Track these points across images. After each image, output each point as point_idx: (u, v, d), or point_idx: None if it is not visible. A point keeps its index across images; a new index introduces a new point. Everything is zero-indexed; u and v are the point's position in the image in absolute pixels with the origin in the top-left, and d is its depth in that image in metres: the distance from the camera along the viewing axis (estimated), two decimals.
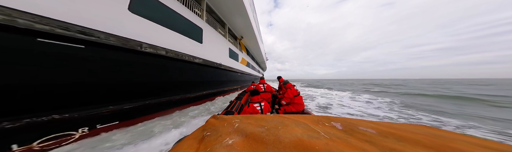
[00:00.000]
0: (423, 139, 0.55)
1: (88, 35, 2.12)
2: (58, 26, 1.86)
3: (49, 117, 1.90)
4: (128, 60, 2.75)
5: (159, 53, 3.23)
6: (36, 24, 1.71)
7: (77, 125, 2.15)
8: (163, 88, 3.66)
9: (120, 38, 2.53)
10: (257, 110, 2.12)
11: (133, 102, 2.90)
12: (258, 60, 24.09)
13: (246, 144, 0.59)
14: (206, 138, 0.68)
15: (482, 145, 0.51)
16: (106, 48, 2.39)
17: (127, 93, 2.82)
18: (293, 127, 0.70)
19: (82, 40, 2.07)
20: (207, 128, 0.80)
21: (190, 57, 4.32)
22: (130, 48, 2.65)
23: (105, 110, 2.42)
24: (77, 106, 2.19)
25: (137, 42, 2.81)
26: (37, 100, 1.85)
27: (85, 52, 2.16)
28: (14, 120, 1.68)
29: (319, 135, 0.60)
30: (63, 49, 1.97)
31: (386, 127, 0.68)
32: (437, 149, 0.49)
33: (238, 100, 3.16)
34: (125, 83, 2.76)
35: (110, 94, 2.56)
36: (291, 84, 3.13)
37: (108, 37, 2.35)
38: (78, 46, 2.07)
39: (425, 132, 0.61)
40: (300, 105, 2.81)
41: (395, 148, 0.51)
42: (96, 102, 2.39)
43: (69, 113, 2.05)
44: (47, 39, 1.84)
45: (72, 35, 1.96)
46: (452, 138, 0.56)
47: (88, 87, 2.28)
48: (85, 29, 2.09)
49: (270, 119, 0.85)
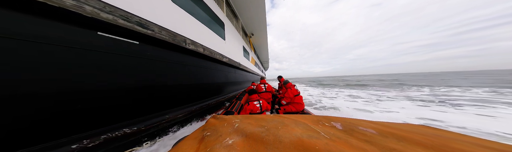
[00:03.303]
0: (423, 139, 0.55)
1: (145, 27, 1.74)
2: (121, 15, 1.48)
3: (121, 131, 1.53)
4: (175, 59, 2.40)
5: (198, 50, 2.80)
6: (101, 12, 1.32)
7: (141, 139, 1.78)
8: (204, 91, 3.35)
9: (170, 32, 2.13)
10: (257, 107, 2.21)
11: (182, 109, 2.49)
12: (262, 60, 23.47)
13: (246, 144, 0.59)
14: (206, 138, 0.68)
15: (482, 145, 0.50)
16: (158, 44, 2.04)
17: (177, 98, 2.47)
18: (293, 127, 0.70)
19: (139, 34, 1.71)
20: (207, 128, 0.80)
21: (220, 56, 3.87)
22: (177, 44, 2.25)
23: (164, 120, 2.04)
24: (144, 115, 1.84)
25: (182, 37, 2.41)
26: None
27: (138, 49, 1.80)
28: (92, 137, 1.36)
29: (319, 135, 0.60)
30: (121, 45, 1.62)
31: (386, 127, 0.68)
32: (437, 149, 0.49)
33: (238, 100, 3.16)
34: (176, 86, 2.41)
35: (169, 99, 2.25)
36: (291, 83, 3.13)
37: (161, 30, 1.97)
38: (133, 42, 1.73)
39: (425, 132, 0.61)
40: (300, 104, 2.81)
41: (395, 148, 0.51)
42: (158, 109, 2.04)
43: (136, 126, 1.68)
44: (107, 32, 1.49)
45: (131, 27, 1.57)
46: (452, 138, 0.56)
47: (156, 91, 1.99)
48: (142, 20, 1.72)
49: (270, 119, 0.85)
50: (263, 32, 10.47)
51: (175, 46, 2.26)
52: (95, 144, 1.33)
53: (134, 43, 1.74)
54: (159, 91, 2.09)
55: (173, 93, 2.37)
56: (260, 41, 12.85)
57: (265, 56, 21.73)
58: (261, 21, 8.36)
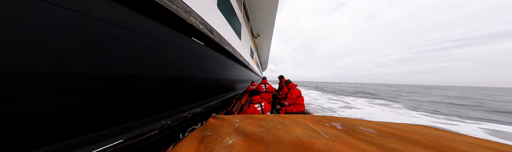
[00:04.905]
0: (423, 139, 0.55)
1: (210, 31, 2.06)
2: (202, 24, 1.81)
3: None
4: (221, 59, 2.80)
5: (229, 50, 3.10)
6: (195, 20, 1.66)
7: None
8: (225, 86, 3.64)
9: (219, 35, 2.51)
10: (258, 111, 2.06)
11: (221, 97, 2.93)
12: (262, 61, 23.85)
13: (246, 144, 0.59)
14: (206, 138, 0.68)
15: (482, 145, 0.50)
16: (212, 45, 2.38)
17: (208, 92, 2.71)
18: (293, 127, 0.70)
19: (207, 38, 2.04)
20: (207, 128, 0.80)
21: (238, 55, 4.13)
22: (221, 45, 2.57)
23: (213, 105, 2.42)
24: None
25: (224, 39, 2.77)
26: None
27: (203, 49, 2.15)
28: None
29: (319, 135, 0.60)
30: (199, 46, 1.99)
31: (386, 127, 0.68)
32: (437, 149, 0.49)
33: (238, 100, 3.15)
34: (218, 81, 2.81)
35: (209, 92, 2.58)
36: (293, 83, 3.04)
37: (216, 34, 2.34)
38: (201, 43, 2.07)
39: (425, 132, 0.61)
40: (301, 105, 2.78)
41: (395, 148, 0.51)
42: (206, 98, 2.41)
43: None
44: (196, 37, 1.85)
45: (207, 33, 1.93)
46: (452, 138, 0.56)
47: (208, 84, 2.34)
48: (210, 27, 2.09)
49: (270, 119, 0.85)
50: (268, 34, 10.57)
51: (220, 47, 2.62)
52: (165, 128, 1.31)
53: (201, 44, 2.11)
54: (208, 85, 2.48)
55: (212, 87, 2.72)
56: (264, 42, 13.05)
57: (265, 57, 22.09)
58: (269, 22, 8.46)
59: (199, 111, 1.98)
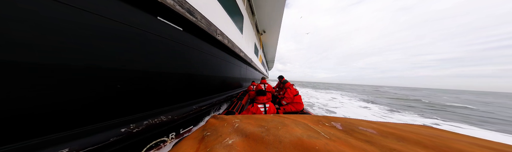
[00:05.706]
0: (423, 139, 0.55)
1: (192, 14, 1.71)
2: (178, 1, 1.48)
3: (159, 118, 1.42)
4: (207, 50, 2.32)
5: (223, 41, 2.67)
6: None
7: (171, 129, 1.70)
8: (224, 84, 3.28)
9: (207, 21, 2.06)
10: (261, 111, 1.99)
11: (206, 101, 2.42)
12: (268, 59, 22.28)
13: (246, 144, 0.59)
14: (206, 138, 0.68)
15: (482, 145, 0.50)
16: (196, 32, 1.98)
17: (203, 90, 2.40)
18: (293, 127, 0.70)
19: (186, 21, 1.67)
20: (207, 128, 0.80)
21: (238, 49, 3.66)
22: (210, 33, 2.18)
23: (192, 111, 1.95)
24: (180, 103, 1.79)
25: (215, 26, 2.32)
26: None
27: (181, 36, 1.74)
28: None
29: (319, 135, 0.60)
30: (171, 31, 1.58)
31: (386, 127, 0.68)
32: (437, 149, 0.49)
33: (239, 100, 3.15)
34: (203, 77, 2.36)
35: (193, 91, 2.17)
36: (290, 83, 3.16)
37: (202, 18, 1.91)
38: (178, 28, 1.69)
39: (425, 132, 0.61)
40: (299, 104, 2.82)
41: (395, 148, 0.51)
42: (187, 99, 1.98)
43: (170, 114, 1.59)
44: (164, 18, 1.47)
45: (183, 14, 1.55)
46: (452, 138, 0.56)
47: (192, 81, 1.97)
48: (191, 7, 1.71)
49: (270, 119, 0.85)
50: (275, 30, 9.81)
51: (209, 35, 2.21)
52: (138, 129, 1.22)
53: (178, 30, 1.70)
54: (196, 80, 2.12)
55: (206, 83, 2.40)
56: (270, 39, 12.13)
57: (271, 56, 20.87)
58: (276, 18, 7.79)
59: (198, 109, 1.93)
